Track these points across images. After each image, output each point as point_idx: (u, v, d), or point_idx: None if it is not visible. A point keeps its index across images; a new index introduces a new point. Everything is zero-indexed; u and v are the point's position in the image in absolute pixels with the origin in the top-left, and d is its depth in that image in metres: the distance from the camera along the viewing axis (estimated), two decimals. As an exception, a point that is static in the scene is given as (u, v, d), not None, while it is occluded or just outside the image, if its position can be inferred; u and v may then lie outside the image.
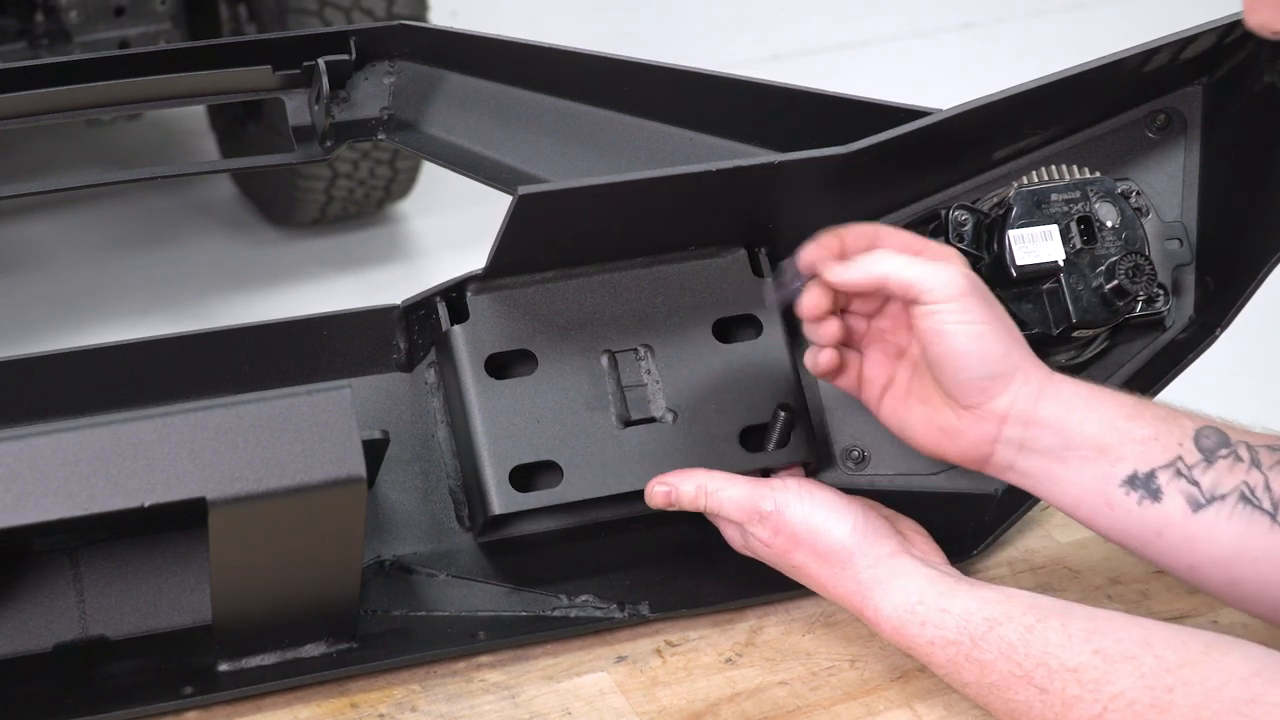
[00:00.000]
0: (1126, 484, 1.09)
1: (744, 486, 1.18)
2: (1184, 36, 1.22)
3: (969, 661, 1.06)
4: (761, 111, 1.32)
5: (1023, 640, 1.04)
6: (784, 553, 1.16)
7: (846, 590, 1.13)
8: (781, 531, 1.16)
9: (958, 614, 1.08)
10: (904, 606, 1.10)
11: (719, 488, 1.18)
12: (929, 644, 1.09)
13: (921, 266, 1.12)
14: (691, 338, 1.28)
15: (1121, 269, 1.21)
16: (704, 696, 1.15)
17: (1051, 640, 1.03)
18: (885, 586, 1.11)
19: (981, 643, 1.06)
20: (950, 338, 1.11)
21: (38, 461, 0.99)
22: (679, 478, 1.20)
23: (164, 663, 1.15)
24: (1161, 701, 0.98)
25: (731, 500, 1.18)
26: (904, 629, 1.10)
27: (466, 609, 1.20)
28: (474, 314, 1.25)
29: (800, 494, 1.16)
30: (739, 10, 4.36)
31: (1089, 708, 1.00)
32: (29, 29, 2.98)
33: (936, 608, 1.09)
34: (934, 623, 1.08)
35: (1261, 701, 0.95)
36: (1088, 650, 1.02)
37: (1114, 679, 1.00)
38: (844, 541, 1.14)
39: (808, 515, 1.15)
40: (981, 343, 1.11)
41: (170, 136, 3.72)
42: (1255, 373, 3.04)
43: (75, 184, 1.54)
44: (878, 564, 1.13)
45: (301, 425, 1.02)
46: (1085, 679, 1.01)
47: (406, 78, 1.36)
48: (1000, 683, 1.05)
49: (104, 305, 3.24)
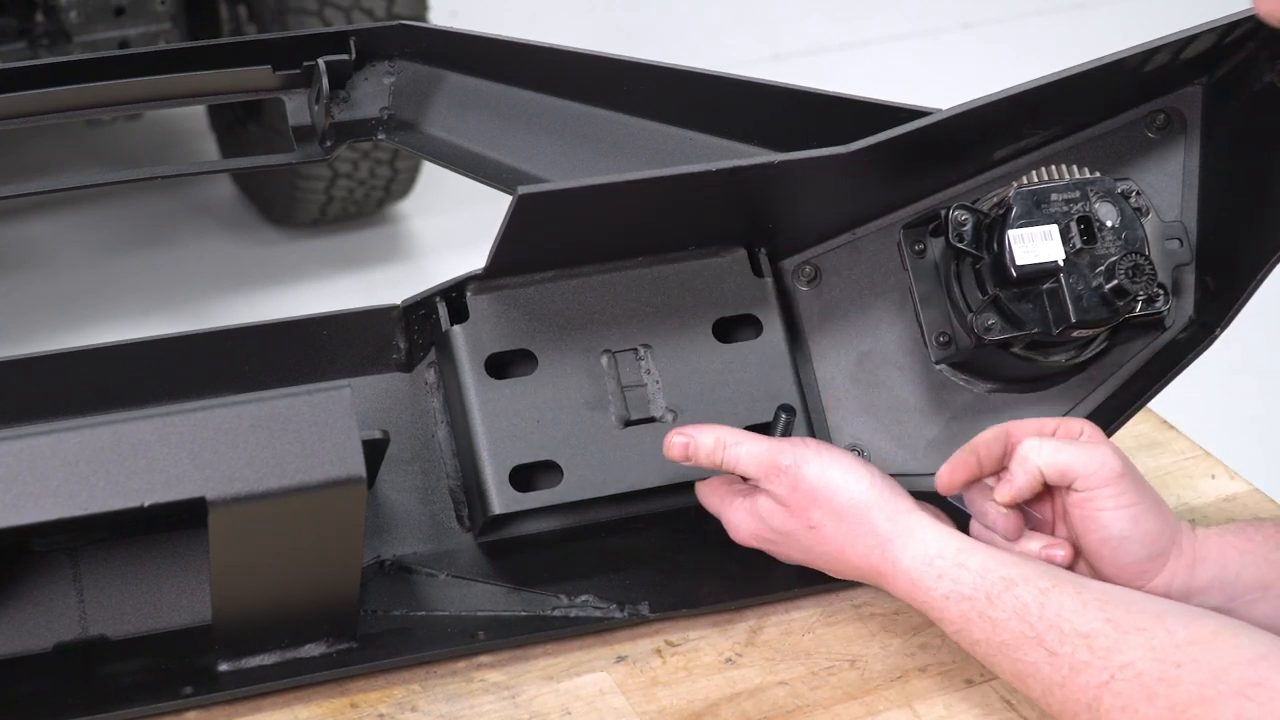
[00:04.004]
0: None
1: (762, 443, 1.18)
2: (1184, 36, 1.22)
3: (981, 619, 1.07)
4: (761, 111, 1.32)
5: (1037, 602, 1.05)
6: (800, 510, 1.16)
7: (865, 546, 1.13)
8: (799, 487, 1.15)
9: (975, 569, 1.08)
10: (923, 558, 1.10)
11: (737, 441, 1.18)
12: (944, 597, 1.09)
13: (1075, 451, 1.11)
14: (691, 338, 1.28)
15: (1121, 269, 1.21)
16: (704, 696, 1.15)
17: (1066, 605, 1.04)
18: (905, 538, 1.12)
19: (997, 601, 1.06)
20: (1110, 524, 1.10)
21: (38, 461, 0.99)
22: (699, 430, 1.19)
23: (164, 663, 1.15)
24: (1169, 676, 0.98)
25: (749, 455, 1.17)
26: (921, 581, 1.10)
27: (466, 609, 1.20)
28: (474, 314, 1.25)
29: (819, 451, 1.16)
30: (739, 10, 4.36)
31: (1097, 674, 1.01)
32: (29, 29, 2.98)
33: (955, 562, 1.09)
34: (951, 576, 1.09)
35: (1266, 686, 0.95)
36: (1101, 618, 1.02)
37: (1124, 648, 1.00)
38: (862, 496, 1.14)
39: (825, 470, 1.15)
40: (1139, 525, 1.10)
41: (170, 136, 3.72)
42: (1255, 373, 3.04)
43: (75, 184, 1.53)
44: (896, 518, 1.13)
45: (301, 425, 1.02)
46: (1096, 645, 1.01)
47: (406, 78, 1.36)
48: (1011, 642, 1.05)
49: (104, 305, 3.24)
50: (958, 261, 1.27)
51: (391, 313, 1.25)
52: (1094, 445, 1.12)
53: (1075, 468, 1.10)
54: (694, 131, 1.34)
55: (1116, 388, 1.29)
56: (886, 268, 1.31)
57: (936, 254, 1.29)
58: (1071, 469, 1.10)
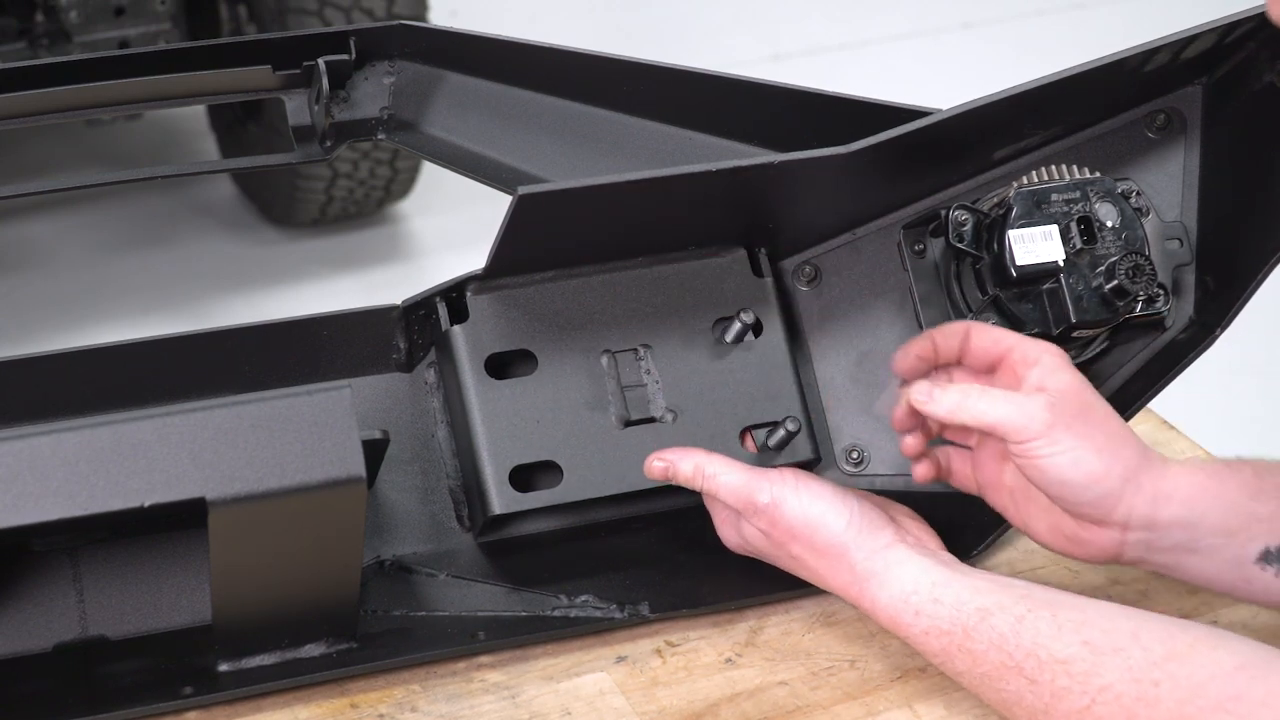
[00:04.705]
0: (1261, 560, 1.10)
1: (741, 475, 1.17)
2: (1184, 36, 1.22)
3: (961, 652, 1.07)
4: (761, 111, 1.32)
5: (1013, 631, 1.05)
6: (780, 544, 1.17)
7: (843, 582, 1.14)
8: (778, 524, 1.16)
9: (950, 603, 1.08)
10: (899, 597, 1.11)
11: (716, 472, 1.18)
12: (923, 634, 1.09)
13: (1004, 407, 1.10)
14: (691, 338, 1.28)
15: (1121, 269, 1.21)
16: (704, 696, 1.15)
17: (1042, 630, 1.04)
18: (881, 578, 1.12)
19: (974, 633, 1.06)
20: (1046, 471, 1.10)
21: (38, 461, 0.99)
22: (678, 455, 1.20)
23: (164, 663, 1.15)
24: (1148, 695, 0.98)
25: (728, 487, 1.18)
26: (899, 619, 1.10)
27: (466, 609, 1.20)
28: (474, 314, 1.25)
29: (797, 487, 1.16)
30: (739, 10, 4.36)
31: (1077, 699, 1.01)
32: (29, 29, 2.98)
33: (930, 597, 1.09)
34: (928, 613, 1.09)
35: (1245, 698, 0.95)
36: (1077, 641, 1.02)
37: (1102, 671, 1.00)
38: (840, 536, 1.14)
39: (804, 509, 1.15)
40: (1079, 468, 1.10)
41: (170, 136, 3.72)
42: (1255, 373, 3.04)
43: (75, 184, 1.53)
44: (873, 556, 1.13)
45: (301, 425, 1.02)
46: (1074, 671, 1.01)
47: (406, 78, 1.36)
48: (992, 673, 1.05)
49: (104, 305, 3.24)
50: (958, 262, 1.27)
51: (391, 313, 1.25)
52: (1025, 399, 1.10)
53: (1002, 425, 1.10)
54: (694, 131, 1.34)
55: (1116, 388, 1.29)
56: (886, 268, 1.31)
57: (936, 254, 1.29)
58: (999, 427, 1.10)
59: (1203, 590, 1.18)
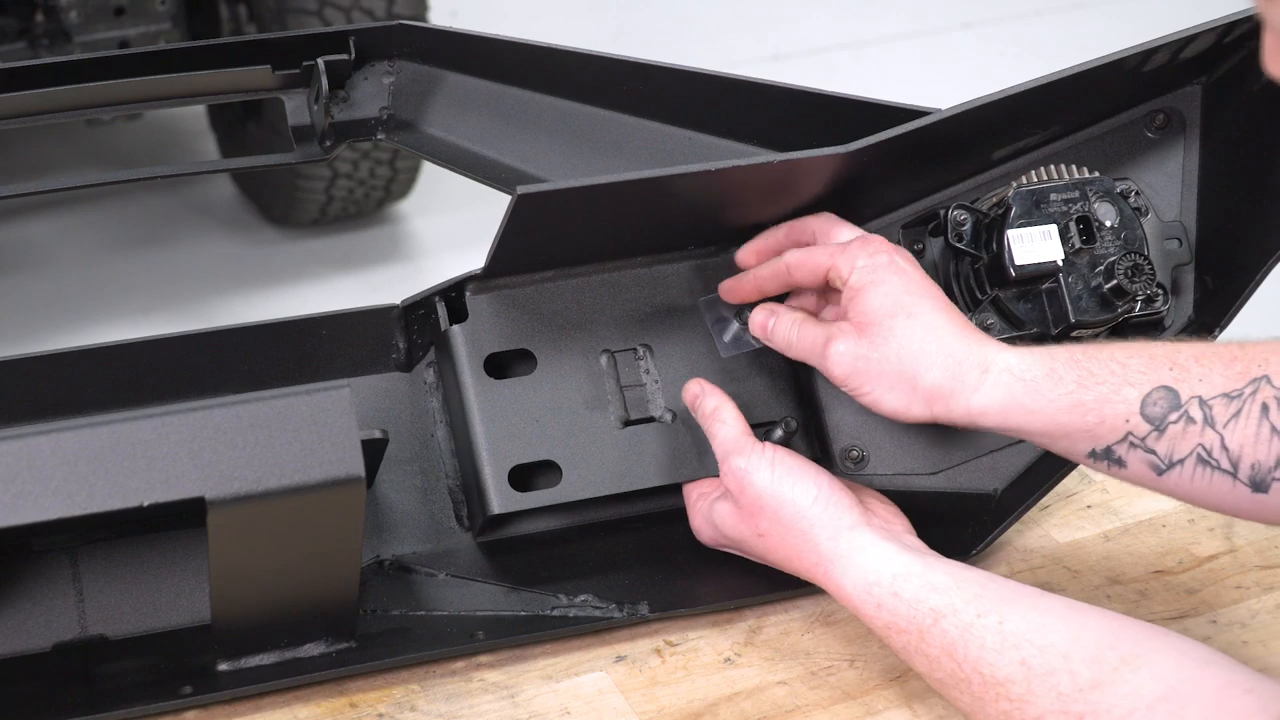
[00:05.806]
0: (1090, 458, 1.10)
1: (737, 433, 1.19)
2: (1184, 36, 1.22)
3: (918, 654, 1.07)
4: (761, 111, 1.32)
5: (962, 640, 1.04)
6: (748, 515, 1.17)
7: (809, 563, 1.14)
8: (746, 492, 1.16)
9: (909, 600, 1.08)
10: (862, 586, 1.10)
11: (724, 420, 1.20)
12: (885, 628, 1.09)
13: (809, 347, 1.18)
14: (691, 338, 1.28)
15: (1121, 269, 1.21)
16: (703, 696, 1.15)
17: (987, 642, 1.03)
18: (845, 561, 1.12)
19: (927, 636, 1.06)
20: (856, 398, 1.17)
21: (38, 461, 0.99)
22: (712, 391, 1.22)
23: (163, 662, 1.15)
24: None
25: (721, 436, 1.19)
26: (862, 609, 1.10)
27: (465, 609, 1.20)
28: (473, 314, 1.25)
29: (774, 461, 1.16)
30: (739, 10, 4.36)
31: None
32: (29, 29, 2.98)
33: (890, 590, 1.09)
34: (888, 607, 1.09)
35: None
36: (1016, 660, 1.02)
37: (1035, 698, 1.00)
38: (805, 511, 1.14)
39: (774, 481, 1.15)
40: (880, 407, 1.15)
41: (170, 136, 3.72)
42: (1255, 373, 3.03)
43: (75, 184, 1.53)
44: (837, 537, 1.12)
45: (301, 425, 1.02)
46: (1012, 694, 1.01)
47: (406, 78, 1.36)
48: (946, 680, 1.05)
49: (104, 305, 3.24)
50: (957, 261, 1.28)
51: (391, 312, 1.25)
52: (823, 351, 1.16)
53: (811, 360, 1.19)
54: (694, 131, 1.34)
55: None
56: (886, 268, 1.31)
57: (936, 254, 1.29)
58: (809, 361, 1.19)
59: (1202, 590, 1.18)
